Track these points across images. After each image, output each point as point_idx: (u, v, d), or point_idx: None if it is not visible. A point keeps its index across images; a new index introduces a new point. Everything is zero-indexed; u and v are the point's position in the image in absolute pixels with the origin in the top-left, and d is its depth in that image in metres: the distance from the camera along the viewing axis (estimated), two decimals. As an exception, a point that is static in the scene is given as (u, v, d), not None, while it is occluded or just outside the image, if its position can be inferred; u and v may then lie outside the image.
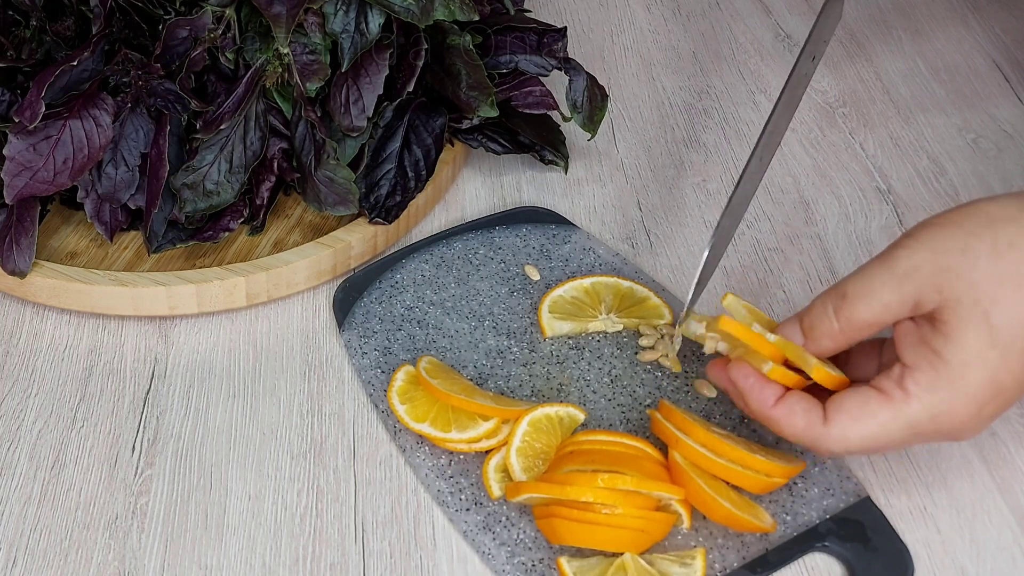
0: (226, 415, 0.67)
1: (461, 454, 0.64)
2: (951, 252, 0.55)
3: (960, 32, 0.98)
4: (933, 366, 0.55)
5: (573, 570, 0.58)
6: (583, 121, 0.80)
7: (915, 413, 0.55)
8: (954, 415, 0.55)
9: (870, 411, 0.56)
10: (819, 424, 0.57)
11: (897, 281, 0.56)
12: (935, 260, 0.55)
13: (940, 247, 0.55)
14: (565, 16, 1.00)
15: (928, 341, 0.55)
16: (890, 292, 0.56)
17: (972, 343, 0.54)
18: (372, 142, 0.76)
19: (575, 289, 0.72)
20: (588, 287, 0.72)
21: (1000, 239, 0.54)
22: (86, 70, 0.70)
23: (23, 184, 0.69)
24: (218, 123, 0.71)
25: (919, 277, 0.55)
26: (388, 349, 0.70)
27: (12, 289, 0.73)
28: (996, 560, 0.60)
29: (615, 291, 0.72)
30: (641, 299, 0.72)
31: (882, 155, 0.86)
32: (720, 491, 0.59)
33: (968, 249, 0.54)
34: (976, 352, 0.54)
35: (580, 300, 0.71)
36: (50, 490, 0.64)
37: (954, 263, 0.54)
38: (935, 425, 0.56)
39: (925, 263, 0.55)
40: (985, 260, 0.54)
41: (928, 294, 0.55)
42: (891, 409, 0.55)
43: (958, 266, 0.54)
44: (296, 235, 0.77)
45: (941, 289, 0.54)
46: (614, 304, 0.72)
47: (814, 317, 0.59)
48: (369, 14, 0.72)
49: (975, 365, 0.54)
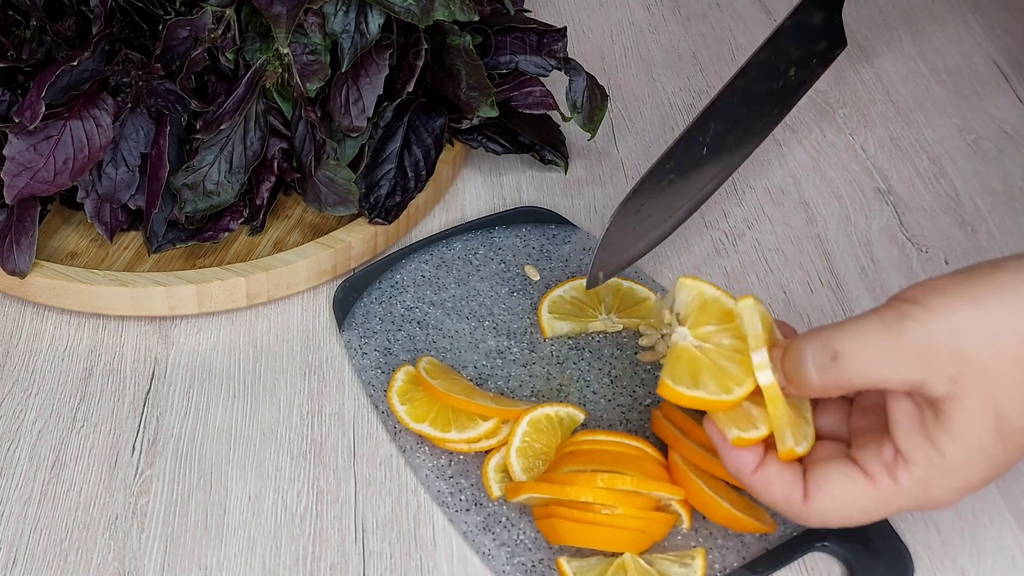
0: (226, 415, 0.67)
1: (461, 454, 0.64)
2: (971, 333, 0.48)
3: (960, 32, 0.98)
4: (932, 463, 0.50)
5: (573, 570, 0.58)
6: (583, 121, 0.80)
7: (902, 505, 0.52)
8: (941, 502, 0.52)
9: (854, 496, 0.52)
10: (799, 501, 0.53)
11: (904, 357, 0.49)
12: (952, 342, 0.48)
13: (958, 325, 0.48)
14: (565, 16, 1.00)
15: (930, 433, 0.50)
16: (893, 367, 0.49)
17: (978, 440, 0.49)
18: (372, 142, 0.76)
19: (575, 289, 0.72)
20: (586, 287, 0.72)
21: None
22: (86, 70, 0.70)
23: (23, 184, 0.69)
24: (218, 123, 0.71)
25: (932, 359, 0.48)
26: (388, 349, 0.70)
27: (12, 289, 0.73)
28: (996, 560, 0.60)
29: (615, 291, 0.72)
30: (641, 299, 0.72)
31: (882, 155, 0.86)
32: (720, 491, 0.59)
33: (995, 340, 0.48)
34: (980, 449, 0.49)
35: (580, 300, 0.71)
36: (50, 490, 0.64)
37: (974, 349, 0.48)
38: (919, 507, 0.52)
39: (941, 345, 0.48)
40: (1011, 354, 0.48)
41: (939, 380, 0.49)
42: (876, 497, 0.51)
43: (979, 353, 0.48)
44: (296, 235, 0.77)
45: (956, 379, 0.48)
46: (614, 304, 0.72)
47: (796, 364, 0.52)
48: (369, 14, 0.72)
49: (976, 462, 0.50)
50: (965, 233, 0.79)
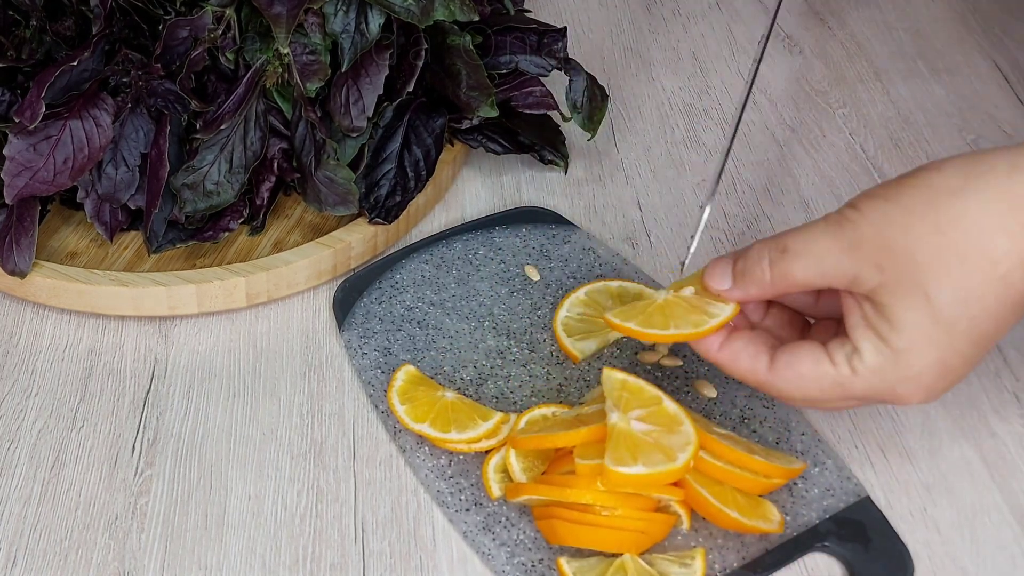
0: (226, 415, 0.67)
1: (461, 454, 0.64)
2: (893, 229, 0.54)
3: (960, 32, 0.98)
4: (879, 351, 0.55)
5: (573, 570, 0.58)
6: (583, 121, 0.80)
7: (859, 389, 0.56)
8: (900, 396, 0.56)
9: (816, 375, 0.56)
10: (763, 371, 0.58)
11: (840, 250, 0.55)
12: (877, 237, 0.54)
13: (883, 222, 0.55)
14: (565, 16, 1.00)
15: (873, 324, 0.55)
16: (831, 260, 0.55)
17: (915, 325, 0.54)
18: (372, 142, 0.76)
19: (575, 305, 0.71)
20: (584, 298, 0.72)
21: (942, 216, 0.53)
22: (86, 70, 0.70)
23: (23, 184, 0.69)
24: (218, 123, 0.71)
25: (861, 252, 0.54)
26: (388, 349, 0.70)
27: (12, 289, 0.73)
28: (996, 560, 0.60)
29: (608, 294, 0.72)
30: (636, 295, 0.72)
31: (882, 155, 0.86)
32: (726, 499, 0.59)
33: (909, 228, 0.54)
34: (920, 334, 0.54)
35: (586, 314, 0.71)
36: (50, 490, 0.64)
37: (895, 242, 0.54)
38: (879, 397, 0.56)
39: (868, 239, 0.54)
40: (927, 239, 0.53)
41: (868, 271, 0.54)
42: (835, 380, 0.56)
43: (899, 246, 0.54)
44: (296, 235, 0.77)
45: (883, 268, 0.54)
46: (616, 307, 0.71)
47: (749, 262, 0.58)
48: (369, 14, 0.72)
49: (920, 348, 0.54)
50: (965, 233, 0.79)
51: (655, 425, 0.58)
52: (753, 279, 0.58)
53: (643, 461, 0.57)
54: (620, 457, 0.57)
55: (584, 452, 0.59)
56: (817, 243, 0.56)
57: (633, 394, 0.60)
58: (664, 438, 0.58)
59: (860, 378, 0.56)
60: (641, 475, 0.57)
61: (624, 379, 0.60)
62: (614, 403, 0.59)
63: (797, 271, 0.56)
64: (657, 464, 0.57)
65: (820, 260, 0.56)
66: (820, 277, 0.56)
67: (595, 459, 0.58)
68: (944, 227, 0.53)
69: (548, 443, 0.60)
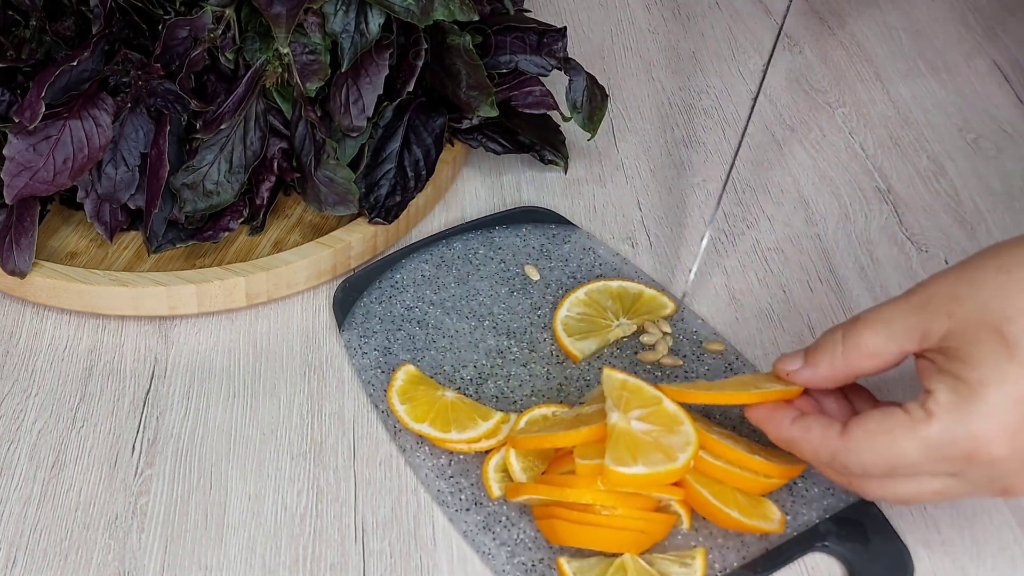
0: (226, 415, 0.67)
1: (461, 454, 0.64)
2: (960, 284, 0.54)
3: (960, 32, 0.98)
4: (954, 388, 0.53)
5: (573, 570, 0.58)
6: (583, 121, 0.80)
7: (935, 434, 0.53)
8: (981, 439, 0.52)
9: (887, 427, 0.54)
10: (835, 437, 0.56)
11: (909, 310, 0.55)
12: (945, 291, 0.55)
13: (950, 280, 0.55)
14: (565, 16, 1.00)
15: (945, 367, 0.54)
16: (900, 320, 0.55)
17: (989, 360, 0.52)
18: (372, 142, 0.76)
19: (575, 304, 0.71)
20: (584, 298, 0.72)
21: (1005, 259, 0.54)
22: (86, 70, 0.70)
23: (23, 184, 0.69)
24: (218, 123, 0.71)
25: (930, 307, 0.54)
26: (388, 349, 0.70)
27: (12, 289, 0.73)
28: (996, 560, 0.60)
29: (608, 293, 0.72)
30: (636, 295, 0.72)
31: (882, 155, 0.86)
32: (726, 499, 0.59)
33: (976, 279, 0.54)
34: (994, 368, 0.52)
35: (586, 314, 0.71)
36: (50, 490, 0.64)
37: (963, 291, 0.54)
38: (962, 452, 0.53)
39: (936, 295, 0.55)
40: (992, 281, 0.53)
41: (938, 320, 0.54)
42: (909, 427, 0.53)
43: (966, 293, 0.54)
44: (296, 235, 0.77)
45: (952, 314, 0.54)
46: (616, 307, 0.71)
47: (821, 341, 0.58)
48: (369, 14, 0.72)
49: (995, 382, 0.52)
50: (965, 232, 0.79)
51: (655, 425, 0.58)
52: (825, 353, 0.57)
53: (643, 461, 0.57)
54: (620, 457, 0.57)
55: (584, 452, 0.59)
56: (887, 309, 0.56)
57: (633, 394, 0.60)
58: (664, 438, 0.58)
59: (935, 419, 0.53)
60: (641, 475, 0.57)
61: (624, 379, 0.60)
62: (614, 403, 0.59)
63: (867, 337, 0.56)
64: (657, 464, 0.57)
65: (889, 322, 0.56)
66: (891, 340, 0.56)
67: (595, 459, 0.58)
68: (1009, 267, 0.53)
69: (548, 443, 0.60)
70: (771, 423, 0.59)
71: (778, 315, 0.73)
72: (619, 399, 0.59)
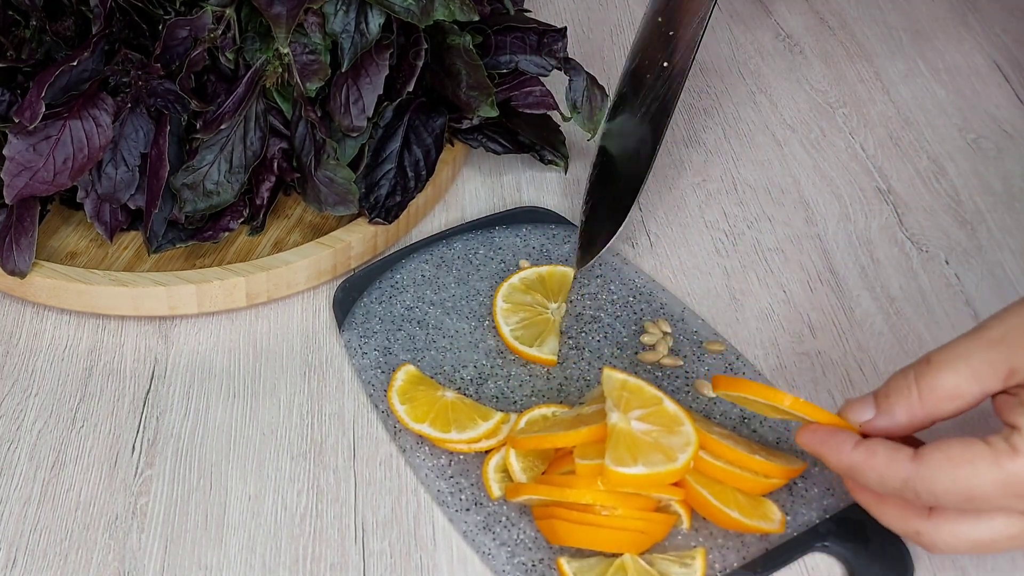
0: (226, 415, 0.67)
1: (461, 454, 0.64)
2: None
3: (960, 32, 0.98)
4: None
5: (573, 570, 0.58)
6: (583, 121, 0.80)
7: (1017, 470, 0.50)
8: None
9: (969, 456, 0.51)
10: (906, 460, 0.52)
11: (988, 345, 0.52)
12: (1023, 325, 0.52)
13: None
14: (565, 16, 1.00)
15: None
16: (980, 356, 0.52)
17: None
18: (372, 142, 0.76)
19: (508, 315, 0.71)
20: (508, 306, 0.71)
21: None
22: (86, 70, 0.70)
23: (23, 184, 0.69)
24: (218, 123, 0.71)
25: (1011, 342, 0.52)
26: (388, 349, 0.70)
27: (12, 289, 0.73)
28: (996, 560, 0.60)
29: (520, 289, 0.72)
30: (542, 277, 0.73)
31: (882, 155, 0.86)
32: (724, 497, 0.59)
33: None
34: None
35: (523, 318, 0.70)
36: (50, 490, 0.64)
37: None
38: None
39: (1015, 328, 0.52)
40: None
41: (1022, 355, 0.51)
42: (992, 459, 0.51)
43: None
44: (296, 235, 0.77)
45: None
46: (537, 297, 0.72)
47: (891, 386, 0.54)
48: (369, 14, 0.72)
49: None
50: (965, 232, 0.79)
51: (655, 425, 0.58)
52: (900, 398, 0.54)
53: (643, 461, 0.57)
54: (620, 457, 0.57)
55: (584, 452, 0.59)
56: (962, 346, 0.53)
57: (633, 394, 0.60)
58: (664, 438, 0.58)
59: (1021, 457, 0.50)
60: (641, 475, 0.57)
61: (624, 379, 0.60)
62: (614, 403, 0.59)
63: (946, 379, 0.53)
64: (657, 464, 0.57)
65: (968, 360, 0.52)
66: (972, 379, 0.52)
67: (595, 459, 0.58)
68: None
69: (548, 443, 0.60)
70: (828, 447, 0.55)
71: (778, 315, 0.73)
72: (619, 399, 0.59)
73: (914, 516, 0.54)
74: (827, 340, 0.72)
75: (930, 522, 0.53)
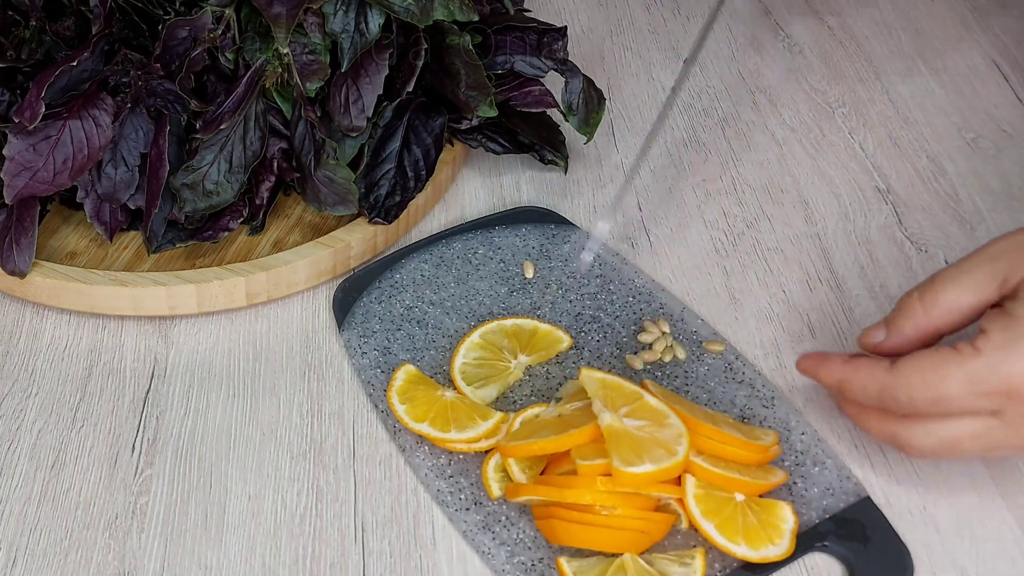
0: (226, 415, 0.67)
1: (461, 454, 0.64)
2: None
3: (960, 32, 0.98)
4: (1006, 327, 0.55)
5: (573, 570, 0.58)
6: (579, 124, 0.79)
7: (979, 368, 0.55)
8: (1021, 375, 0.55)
9: (938, 360, 0.56)
10: (883, 369, 0.58)
11: (986, 259, 0.58)
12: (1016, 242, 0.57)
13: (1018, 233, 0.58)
14: (565, 16, 1.00)
15: (1007, 309, 0.56)
16: (979, 270, 0.58)
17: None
18: (372, 142, 0.76)
19: (471, 349, 0.68)
20: (479, 341, 0.69)
21: None
22: (86, 70, 0.70)
23: (23, 184, 0.69)
24: (218, 123, 0.71)
25: (1008, 255, 0.57)
26: (388, 349, 0.70)
27: (12, 289, 0.73)
28: (996, 560, 0.60)
29: (503, 333, 0.70)
30: (531, 331, 0.70)
31: (882, 155, 0.86)
32: (729, 530, 0.59)
33: None
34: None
35: (483, 358, 0.68)
36: (50, 490, 0.64)
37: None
38: (1003, 387, 0.55)
39: (1013, 243, 0.58)
40: None
41: (1018, 267, 0.56)
42: (957, 362, 0.56)
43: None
44: (296, 235, 0.77)
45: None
46: (513, 345, 0.69)
47: (899, 306, 0.60)
48: (369, 14, 0.72)
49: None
50: (964, 232, 0.79)
51: (644, 420, 0.59)
52: (907, 316, 0.60)
53: (648, 459, 0.57)
54: (627, 458, 0.57)
55: (583, 453, 0.59)
56: (963, 263, 0.59)
57: (615, 391, 0.60)
58: (658, 432, 0.58)
59: (982, 354, 0.55)
60: (650, 472, 0.57)
61: (603, 378, 0.61)
62: (603, 403, 0.59)
63: (950, 291, 0.59)
64: (662, 460, 0.57)
65: (970, 273, 0.58)
66: (971, 290, 0.58)
67: (595, 459, 0.58)
68: None
69: (538, 450, 0.60)
70: (822, 368, 0.61)
71: (778, 315, 0.73)
72: (604, 399, 0.59)
73: (892, 421, 0.59)
74: (827, 340, 0.72)
75: (904, 424, 0.58)
